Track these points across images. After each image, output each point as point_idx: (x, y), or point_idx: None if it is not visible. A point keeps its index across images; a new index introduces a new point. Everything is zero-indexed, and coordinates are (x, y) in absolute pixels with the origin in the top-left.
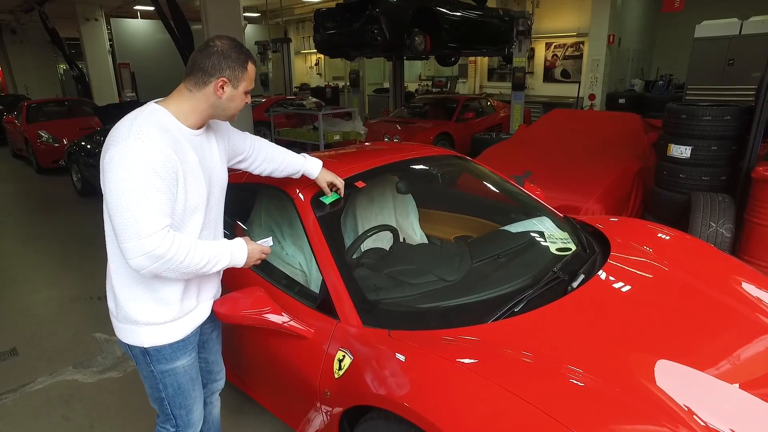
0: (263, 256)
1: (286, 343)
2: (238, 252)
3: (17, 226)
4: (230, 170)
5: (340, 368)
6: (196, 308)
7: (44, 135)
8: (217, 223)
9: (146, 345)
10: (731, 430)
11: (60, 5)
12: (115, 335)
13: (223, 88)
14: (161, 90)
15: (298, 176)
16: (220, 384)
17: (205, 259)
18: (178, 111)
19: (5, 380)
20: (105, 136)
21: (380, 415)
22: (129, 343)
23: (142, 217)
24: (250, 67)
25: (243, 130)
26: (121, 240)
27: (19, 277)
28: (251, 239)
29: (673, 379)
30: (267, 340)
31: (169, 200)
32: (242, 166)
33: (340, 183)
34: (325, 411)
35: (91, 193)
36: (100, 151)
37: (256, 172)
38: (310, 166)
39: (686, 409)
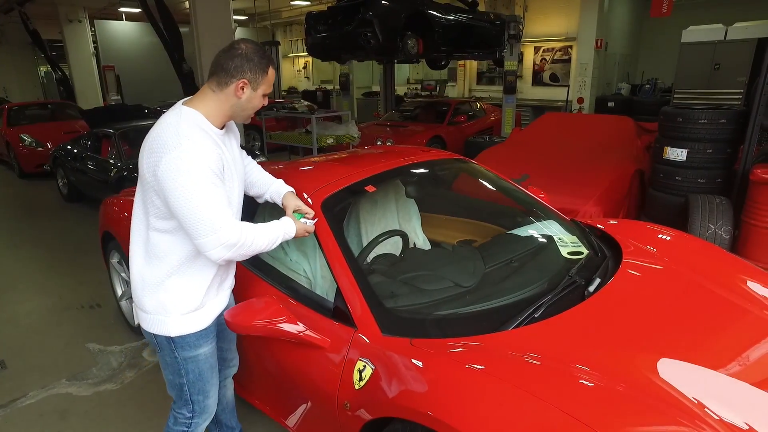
0: (306, 234)
1: (299, 352)
2: (289, 230)
3: (0, 233)
4: None
5: (360, 378)
6: (216, 297)
7: (27, 139)
8: (239, 215)
9: (173, 334)
10: (746, 423)
11: (41, 6)
12: (106, 342)
13: (243, 89)
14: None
15: (261, 201)
16: (234, 369)
17: (267, 238)
18: (208, 112)
19: None
20: (93, 140)
21: (404, 426)
22: (155, 333)
23: (213, 212)
24: (271, 71)
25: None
26: (197, 236)
27: (4, 285)
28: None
29: (688, 377)
30: (278, 350)
31: (225, 193)
32: None
33: (306, 209)
34: (343, 422)
35: (78, 199)
36: (87, 155)
37: None
38: (275, 189)
39: (696, 402)
